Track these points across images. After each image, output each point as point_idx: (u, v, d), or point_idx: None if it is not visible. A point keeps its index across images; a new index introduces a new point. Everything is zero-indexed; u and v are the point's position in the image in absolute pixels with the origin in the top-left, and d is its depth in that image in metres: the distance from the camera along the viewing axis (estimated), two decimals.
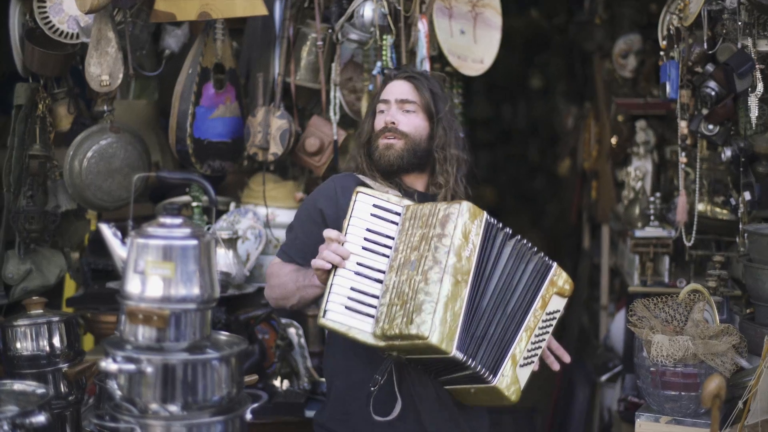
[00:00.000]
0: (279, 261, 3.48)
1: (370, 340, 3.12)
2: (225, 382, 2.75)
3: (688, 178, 4.61)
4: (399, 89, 3.52)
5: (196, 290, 2.70)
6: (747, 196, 4.17)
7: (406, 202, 3.28)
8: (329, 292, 3.14)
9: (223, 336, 2.94)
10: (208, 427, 2.71)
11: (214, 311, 4.17)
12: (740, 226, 4.22)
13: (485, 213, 3.20)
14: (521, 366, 3.20)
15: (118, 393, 2.72)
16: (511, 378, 3.17)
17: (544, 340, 3.28)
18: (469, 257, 3.12)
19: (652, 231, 5.14)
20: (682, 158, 4.32)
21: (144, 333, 2.70)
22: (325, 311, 3.12)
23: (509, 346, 3.18)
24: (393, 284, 3.13)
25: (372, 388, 3.22)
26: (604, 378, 5.98)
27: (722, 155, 4.21)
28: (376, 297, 3.14)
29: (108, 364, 2.66)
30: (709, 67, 4.08)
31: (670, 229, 5.12)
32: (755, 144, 4.09)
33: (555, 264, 3.30)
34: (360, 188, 3.28)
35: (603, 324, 6.41)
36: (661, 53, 4.37)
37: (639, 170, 5.73)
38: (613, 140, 6.17)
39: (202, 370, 2.71)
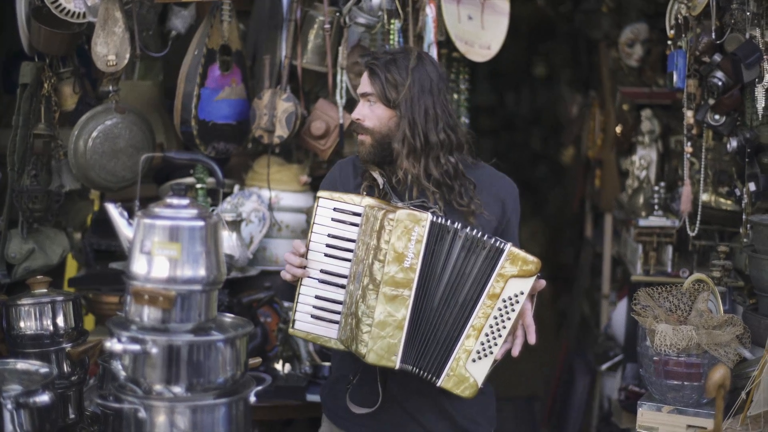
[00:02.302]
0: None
1: (339, 345, 3.20)
2: (230, 364, 2.76)
3: (692, 168, 4.60)
4: (363, 81, 3.40)
5: (202, 271, 2.70)
6: (752, 186, 4.16)
7: (367, 201, 3.20)
8: (296, 302, 3.22)
9: (229, 318, 2.94)
10: (211, 409, 2.72)
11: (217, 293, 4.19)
12: (744, 216, 4.22)
13: (428, 215, 3.09)
14: (474, 361, 3.12)
15: (123, 373, 2.72)
16: (459, 376, 3.12)
17: (505, 327, 3.12)
18: (411, 266, 3.07)
19: (656, 220, 5.13)
20: (688, 148, 4.31)
21: (149, 314, 2.70)
22: (293, 321, 3.23)
23: (454, 345, 3.11)
24: (350, 294, 3.16)
25: (347, 386, 3.31)
26: (604, 367, 5.98)
27: (728, 146, 4.20)
28: (341, 303, 3.20)
29: (113, 345, 2.66)
30: (717, 57, 4.07)
31: (674, 218, 5.10)
32: (761, 135, 4.08)
33: (508, 246, 3.11)
34: (321, 192, 3.25)
35: (604, 313, 6.41)
36: (669, 42, 4.35)
37: (644, 159, 5.71)
38: (618, 129, 6.15)
39: (206, 351, 2.71)
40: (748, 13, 3.91)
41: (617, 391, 5.37)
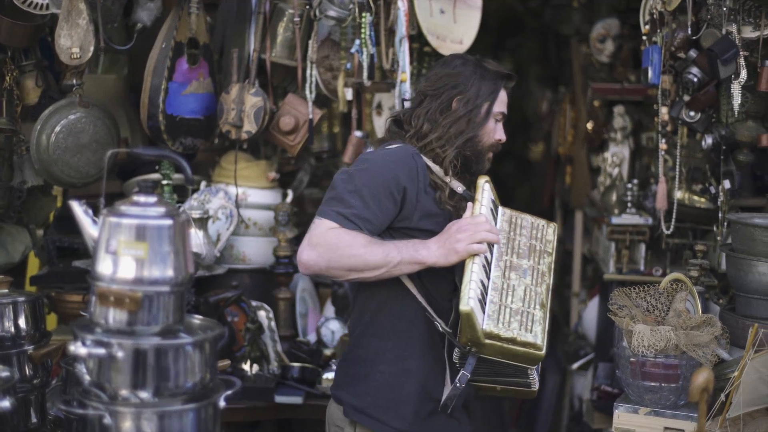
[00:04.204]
0: (338, 227, 3.08)
1: (482, 337, 3.00)
2: (198, 367, 2.66)
3: (665, 165, 4.56)
4: (505, 101, 3.43)
5: (170, 272, 2.60)
6: (727, 184, 4.14)
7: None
8: (470, 280, 3.00)
9: (197, 320, 2.84)
10: (180, 414, 2.62)
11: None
12: (720, 214, 4.18)
13: None
14: None
15: (87, 378, 2.62)
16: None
17: None
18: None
19: (629, 218, 5.10)
20: (663, 145, 4.26)
21: (115, 316, 2.59)
22: (468, 299, 2.96)
23: None
24: (503, 286, 3.08)
25: (459, 385, 3.10)
26: (575, 366, 5.94)
27: (703, 143, 4.17)
28: (487, 293, 3.07)
29: (77, 348, 2.56)
30: (693, 53, 4.04)
31: (647, 216, 5.07)
32: (737, 132, 4.06)
33: None
34: (485, 177, 3.29)
35: (574, 311, 6.38)
36: (644, 38, 4.31)
37: (616, 156, 5.69)
38: (589, 125, 6.13)
39: (174, 355, 2.61)
40: (724, 9, 3.87)
41: (589, 390, 5.33)
